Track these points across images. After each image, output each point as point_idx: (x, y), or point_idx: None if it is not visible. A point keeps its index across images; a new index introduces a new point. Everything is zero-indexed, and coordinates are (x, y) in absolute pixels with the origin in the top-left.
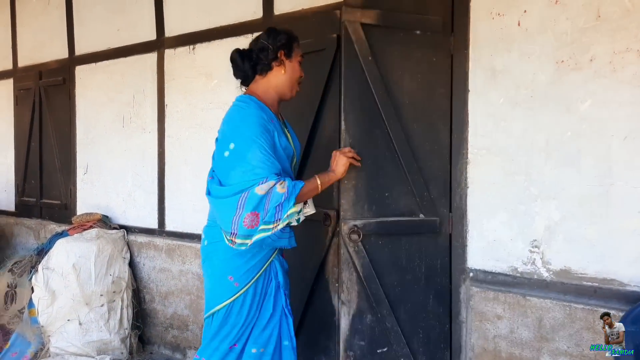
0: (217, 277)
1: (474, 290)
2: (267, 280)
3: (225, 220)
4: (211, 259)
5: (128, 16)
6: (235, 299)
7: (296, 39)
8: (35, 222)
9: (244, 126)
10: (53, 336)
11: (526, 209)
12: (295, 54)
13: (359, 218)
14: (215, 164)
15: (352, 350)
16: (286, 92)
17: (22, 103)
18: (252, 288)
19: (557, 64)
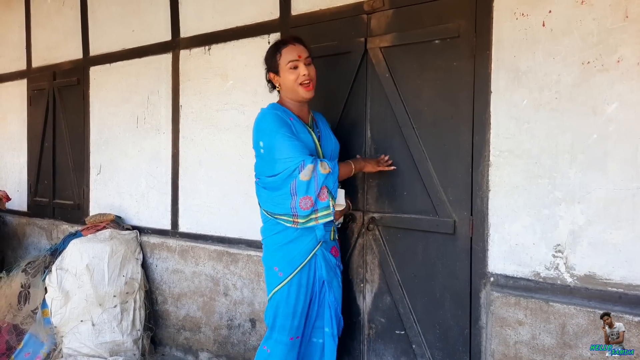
0: (267, 269)
1: (494, 295)
2: (311, 273)
3: (284, 207)
4: (264, 253)
5: (143, 17)
6: (281, 288)
7: (278, 48)
8: (47, 222)
9: (264, 124)
10: (66, 337)
11: (550, 212)
12: (282, 64)
13: (378, 211)
14: (257, 169)
15: (374, 323)
16: (296, 96)
17: (35, 103)
18: (296, 278)
19: (583, 65)
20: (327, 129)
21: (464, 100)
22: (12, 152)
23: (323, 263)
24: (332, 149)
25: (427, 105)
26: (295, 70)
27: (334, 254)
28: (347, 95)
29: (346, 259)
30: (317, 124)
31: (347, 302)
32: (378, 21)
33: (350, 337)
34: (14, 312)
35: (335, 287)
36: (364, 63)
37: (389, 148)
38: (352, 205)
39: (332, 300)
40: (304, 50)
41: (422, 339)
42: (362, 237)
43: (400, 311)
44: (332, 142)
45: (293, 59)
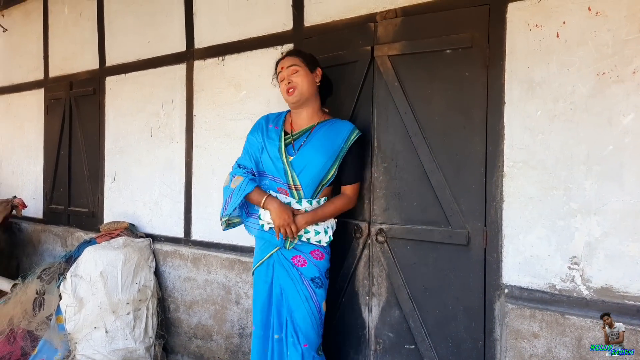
0: None
1: (509, 307)
2: (269, 273)
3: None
4: None
5: (159, 28)
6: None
7: (277, 62)
8: (62, 229)
9: None
10: (79, 343)
11: (565, 224)
12: (278, 78)
13: (387, 223)
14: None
15: (381, 338)
16: (286, 101)
17: (52, 112)
18: (256, 272)
19: (598, 76)
20: (322, 142)
21: (477, 110)
22: (28, 160)
23: (280, 269)
24: (306, 163)
25: (438, 115)
26: (282, 82)
27: (297, 264)
28: (354, 104)
29: (351, 272)
30: (312, 135)
31: (352, 315)
32: (385, 29)
33: (355, 351)
34: (29, 319)
35: (293, 296)
36: (371, 71)
37: (397, 158)
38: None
39: (288, 308)
40: (289, 60)
41: (434, 353)
42: (367, 249)
43: (410, 325)
44: (310, 160)
45: (279, 72)
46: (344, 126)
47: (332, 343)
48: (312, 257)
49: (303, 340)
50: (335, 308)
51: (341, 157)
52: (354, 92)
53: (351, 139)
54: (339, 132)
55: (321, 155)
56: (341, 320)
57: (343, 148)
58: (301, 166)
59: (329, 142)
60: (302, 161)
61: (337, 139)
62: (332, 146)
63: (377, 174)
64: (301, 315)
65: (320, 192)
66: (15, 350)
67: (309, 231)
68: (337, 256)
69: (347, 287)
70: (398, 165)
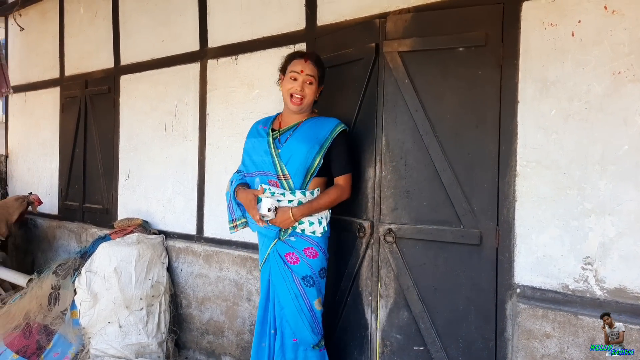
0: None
1: (521, 306)
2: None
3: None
4: None
5: (173, 27)
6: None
7: (293, 56)
8: (77, 225)
9: None
10: (93, 338)
11: (579, 224)
12: (288, 70)
13: (395, 223)
14: None
15: (389, 340)
16: (286, 102)
17: (67, 110)
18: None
19: (614, 75)
20: (307, 133)
21: (490, 109)
22: (44, 158)
23: (274, 265)
24: (290, 155)
25: (450, 114)
26: (294, 82)
27: (289, 261)
28: (359, 101)
29: (354, 271)
30: (297, 129)
31: (356, 315)
32: (395, 24)
33: (359, 351)
34: (44, 313)
35: (283, 293)
36: (376, 68)
37: (407, 156)
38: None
39: (279, 304)
40: (310, 69)
41: (444, 354)
42: (371, 249)
43: (420, 326)
44: (294, 150)
45: (295, 71)
46: (329, 121)
47: (339, 341)
48: (305, 255)
49: (292, 335)
50: (341, 307)
51: (326, 147)
52: (360, 89)
53: (336, 131)
54: (324, 126)
55: (305, 144)
56: (346, 320)
57: (328, 139)
58: (287, 156)
59: (313, 133)
60: (288, 152)
61: (322, 130)
62: (316, 136)
63: (385, 172)
64: (290, 312)
65: (309, 182)
66: (31, 343)
67: (303, 222)
68: (341, 255)
69: (352, 287)
70: (408, 164)
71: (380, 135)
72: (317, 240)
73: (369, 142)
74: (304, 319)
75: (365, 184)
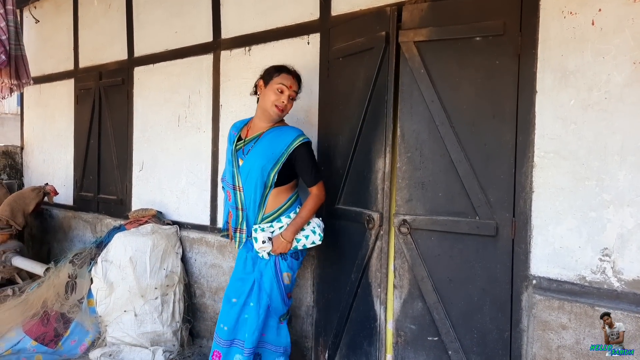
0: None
1: (537, 298)
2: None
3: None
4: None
5: (186, 19)
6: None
7: (281, 70)
8: (92, 216)
9: None
10: (110, 326)
11: (597, 215)
12: (274, 81)
13: (410, 214)
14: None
15: (403, 330)
16: (266, 112)
17: (82, 102)
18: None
19: (635, 64)
20: (269, 146)
21: (507, 99)
22: (59, 149)
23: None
24: (249, 170)
25: (467, 104)
26: (280, 94)
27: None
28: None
29: (364, 263)
30: (259, 141)
31: (365, 307)
32: (411, 14)
33: (368, 342)
34: (62, 301)
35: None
36: (386, 57)
37: (422, 147)
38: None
39: (256, 271)
40: (296, 86)
41: (458, 345)
42: (380, 240)
43: (434, 317)
44: (252, 165)
45: (284, 84)
46: (289, 133)
47: (349, 332)
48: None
49: (267, 302)
50: (352, 299)
51: (282, 162)
52: (370, 79)
53: (293, 145)
54: (282, 139)
55: (261, 160)
56: (357, 311)
57: (283, 154)
58: (247, 170)
59: (271, 147)
60: (248, 165)
61: (279, 144)
62: (273, 152)
63: (400, 163)
64: (268, 278)
65: (269, 194)
66: (49, 331)
67: (300, 239)
68: (350, 247)
69: (362, 279)
70: (423, 155)
71: (390, 125)
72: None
73: (378, 132)
74: (275, 286)
75: (375, 175)
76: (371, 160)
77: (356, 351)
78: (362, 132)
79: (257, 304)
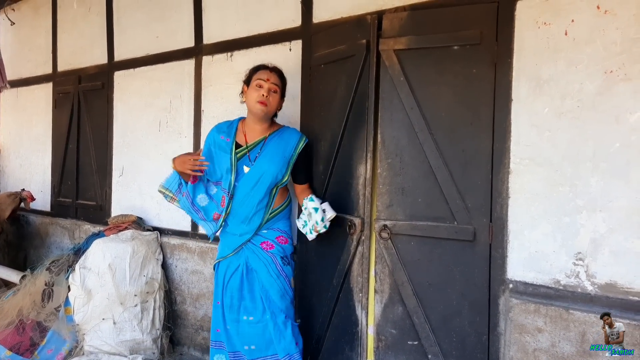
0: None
1: (513, 301)
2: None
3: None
4: None
5: (167, 23)
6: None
7: (258, 68)
8: (70, 222)
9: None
10: (88, 334)
11: (571, 220)
12: (252, 80)
13: (390, 219)
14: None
15: (384, 335)
16: (252, 110)
17: (60, 106)
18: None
19: (606, 74)
20: (278, 150)
21: (484, 107)
22: (37, 154)
23: (251, 255)
24: (261, 174)
25: (445, 111)
26: (260, 89)
27: (266, 248)
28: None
29: (346, 268)
30: (265, 145)
31: (347, 312)
32: (391, 23)
33: (349, 347)
34: (38, 309)
35: (266, 276)
36: (367, 65)
37: (402, 153)
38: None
39: (262, 287)
40: (275, 79)
41: (438, 349)
42: (361, 245)
43: (414, 321)
44: (266, 169)
45: (262, 79)
46: (293, 135)
47: (331, 337)
48: (278, 242)
49: (282, 312)
50: (334, 303)
51: (292, 164)
52: (351, 87)
53: (300, 146)
54: (289, 141)
55: (275, 165)
56: (338, 316)
57: (293, 155)
58: (258, 175)
59: (281, 151)
60: (259, 171)
61: (287, 147)
62: (284, 155)
63: (381, 169)
64: (275, 292)
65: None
66: (25, 340)
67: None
68: (332, 251)
69: (344, 284)
70: (403, 161)
71: (372, 132)
72: (285, 229)
73: (360, 138)
74: (285, 295)
75: (357, 180)
76: (352, 166)
77: (338, 356)
78: (343, 138)
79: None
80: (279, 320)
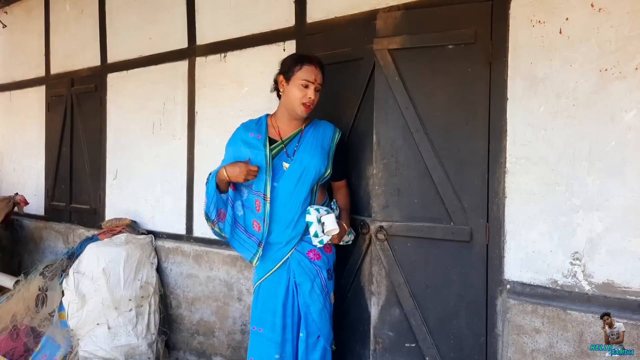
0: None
1: (511, 302)
2: (282, 275)
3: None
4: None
5: (161, 25)
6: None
7: (301, 61)
8: (64, 226)
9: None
10: (82, 340)
11: (567, 220)
12: (297, 76)
13: (386, 220)
14: None
15: (381, 337)
16: (293, 111)
17: (53, 109)
18: (265, 281)
19: (601, 72)
20: (316, 141)
21: (479, 106)
22: (30, 157)
23: (296, 266)
24: (306, 163)
25: (440, 111)
26: (305, 89)
27: (313, 258)
28: (359, 102)
29: (357, 267)
30: (302, 137)
31: (358, 310)
32: (385, 22)
33: (361, 345)
34: (32, 315)
35: (310, 290)
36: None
37: (398, 154)
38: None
39: (304, 303)
40: (320, 76)
41: (435, 351)
42: (373, 245)
43: (411, 323)
44: (307, 164)
45: (309, 79)
46: (328, 127)
47: (340, 337)
48: (324, 251)
49: (317, 332)
50: (342, 303)
51: (332, 156)
52: (360, 90)
53: (336, 138)
54: (325, 133)
55: (317, 158)
56: (347, 315)
57: (332, 147)
58: (300, 170)
59: (319, 144)
60: (300, 166)
61: (325, 139)
62: (323, 147)
63: (377, 170)
64: (317, 309)
65: (317, 191)
66: (19, 346)
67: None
68: (343, 251)
69: (353, 283)
70: (398, 162)
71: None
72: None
73: (369, 140)
74: (325, 313)
75: (367, 181)
76: (362, 168)
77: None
78: (355, 131)
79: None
80: (310, 342)
